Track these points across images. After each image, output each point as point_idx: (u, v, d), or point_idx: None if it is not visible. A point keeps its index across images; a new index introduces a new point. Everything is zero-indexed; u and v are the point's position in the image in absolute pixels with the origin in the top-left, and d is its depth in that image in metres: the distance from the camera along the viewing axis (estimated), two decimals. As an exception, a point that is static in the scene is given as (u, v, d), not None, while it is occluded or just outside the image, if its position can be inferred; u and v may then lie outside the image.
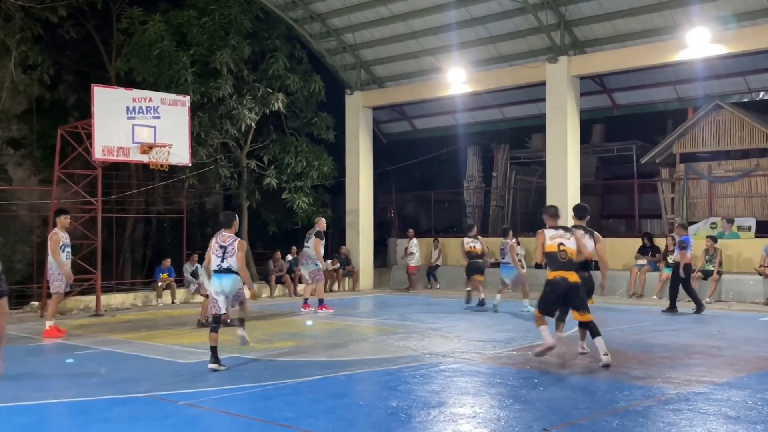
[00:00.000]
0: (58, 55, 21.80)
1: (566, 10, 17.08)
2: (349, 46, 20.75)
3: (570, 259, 8.74)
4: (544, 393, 7.44)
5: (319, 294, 15.21)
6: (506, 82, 19.20)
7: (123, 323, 13.78)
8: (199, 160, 18.77)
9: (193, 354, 9.83)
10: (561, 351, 9.28)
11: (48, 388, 7.86)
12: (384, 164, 24.41)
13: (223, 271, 8.87)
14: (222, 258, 8.86)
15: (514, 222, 21.98)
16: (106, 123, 14.27)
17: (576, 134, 17.77)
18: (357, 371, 8.66)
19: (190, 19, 19.50)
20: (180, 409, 6.90)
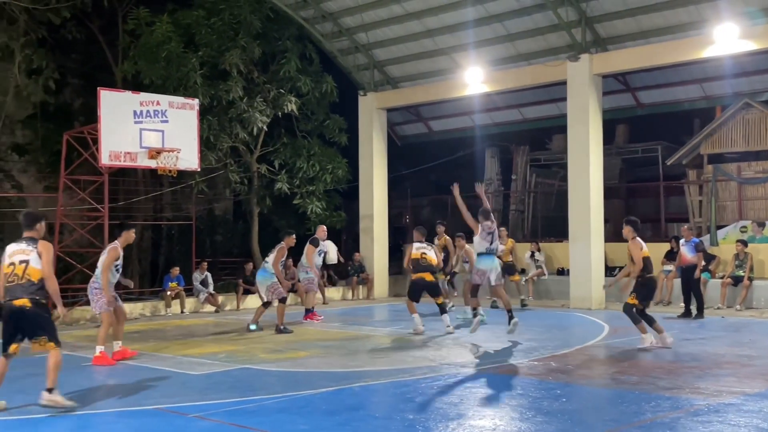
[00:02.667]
0: (62, 58, 21.44)
1: (587, 6, 16.57)
2: (362, 45, 20.30)
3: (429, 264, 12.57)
4: (567, 405, 7.30)
5: (308, 303, 15.02)
6: (525, 82, 18.71)
7: (131, 334, 13.48)
8: (208, 165, 18.41)
9: (202, 365, 9.78)
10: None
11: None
12: (399, 167, 23.93)
13: None
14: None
15: (534, 226, 21.42)
16: (112, 127, 14.04)
17: (599, 135, 17.24)
18: (372, 382, 8.51)
19: (199, 20, 19.13)
20: (190, 421, 6.86)
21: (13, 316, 7.15)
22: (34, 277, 7.20)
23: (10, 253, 7.34)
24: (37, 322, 7.24)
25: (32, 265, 7.20)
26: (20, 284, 7.18)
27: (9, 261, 7.30)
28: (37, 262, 7.21)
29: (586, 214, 16.66)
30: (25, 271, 7.17)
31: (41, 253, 7.25)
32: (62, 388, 8.50)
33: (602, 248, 17.12)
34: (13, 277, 7.21)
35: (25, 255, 7.24)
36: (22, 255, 7.25)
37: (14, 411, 7.32)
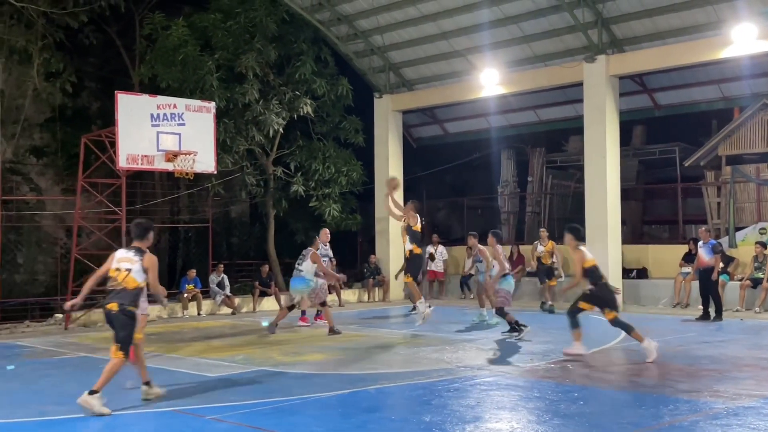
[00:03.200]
0: (80, 62, 21.59)
1: (604, 8, 16.48)
2: (378, 48, 20.29)
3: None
4: (585, 407, 7.25)
5: (303, 305, 14.62)
6: (542, 83, 18.64)
7: (148, 336, 13.43)
8: (224, 167, 18.45)
9: (219, 367, 9.82)
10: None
11: (74, 402, 7.62)
12: (414, 170, 23.87)
13: None
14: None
15: (551, 228, 21.29)
16: (130, 131, 14.08)
17: (615, 136, 17.14)
18: (388, 385, 8.50)
19: (215, 23, 19.22)
20: (206, 423, 6.87)
21: (108, 318, 7.64)
22: (129, 286, 7.54)
23: (118, 258, 7.69)
24: (122, 326, 7.55)
25: (132, 275, 7.54)
26: (116, 291, 7.56)
27: (116, 266, 7.65)
28: (139, 273, 7.56)
29: (603, 216, 16.57)
30: (125, 279, 7.52)
31: (147, 268, 7.60)
32: (80, 389, 8.55)
33: (619, 250, 17.02)
34: (114, 282, 7.59)
35: (130, 264, 7.57)
36: (128, 263, 7.59)
37: (32, 412, 7.36)
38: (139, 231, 7.87)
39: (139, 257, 7.62)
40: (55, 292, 18.26)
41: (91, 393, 7.23)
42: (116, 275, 7.58)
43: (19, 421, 7.03)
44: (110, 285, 7.64)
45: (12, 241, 19.95)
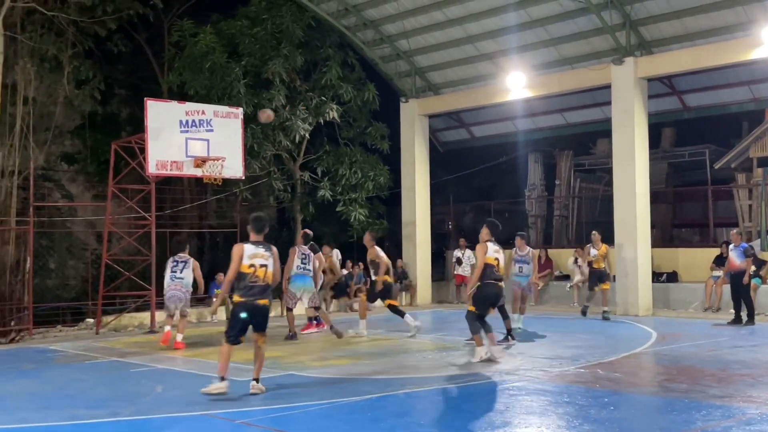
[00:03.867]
0: (110, 69, 21.88)
1: (631, 9, 16.33)
2: (404, 52, 20.29)
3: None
4: (615, 413, 7.18)
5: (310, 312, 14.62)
6: (569, 86, 18.50)
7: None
8: (252, 173, 18.57)
9: (248, 371, 9.65)
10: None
11: (105, 406, 7.84)
12: (441, 174, 23.83)
13: None
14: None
15: (579, 232, 21.13)
16: (159, 137, 14.19)
17: (644, 139, 16.96)
18: (417, 389, 8.48)
19: (242, 30, 19.39)
20: (237, 427, 6.92)
21: (255, 312, 8.12)
22: (270, 280, 8.16)
23: (249, 255, 8.11)
24: (267, 319, 8.29)
25: (270, 270, 8.14)
26: (261, 286, 8.08)
27: (249, 262, 8.09)
28: (272, 267, 8.16)
29: (632, 219, 16.42)
30: (265, 275, 8.10)
31: (275, 260, 8.22)
32: (111, 393, 8.67)
33: (649, 254, 16.84)
34: (255, 278, 8.05)
35: (264, 260, 8.12)
36: (262, 260, 8.11)
37: (64, 416, 7.43)
38: (259, 224, 8.32)
39: (270, 252, 8.18)
40: (86, 297, 18.48)
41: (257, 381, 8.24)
42: (253, 271, 8.04)
43: (51, 425, 7.12)
44: (250, 281, 8.03)
45: (44, 246, 20.25)
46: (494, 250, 10.15)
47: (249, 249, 8.12)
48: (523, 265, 13.83)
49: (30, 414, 7.55)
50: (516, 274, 13.82)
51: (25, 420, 7.28)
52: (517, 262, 13.83)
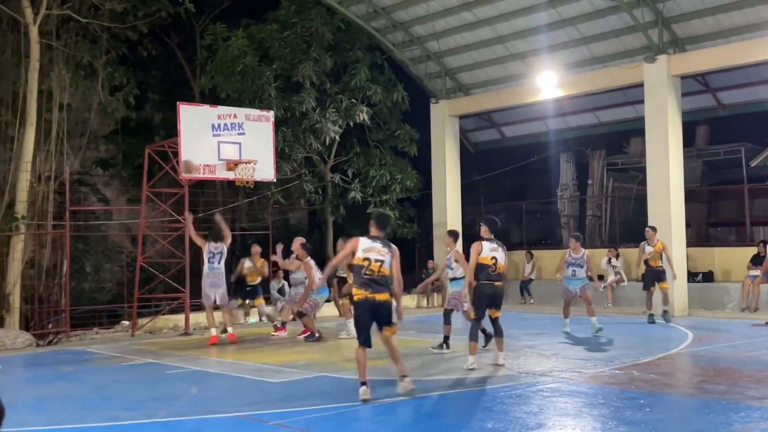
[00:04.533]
0: (143, 74, 22.16)
1: (664, 7, 16.16)
2: (433, 53, 20.28)
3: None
4: (651, 415, 7.07)
5: (285, 316, 14.81)
6: (601, 85, 18.36)
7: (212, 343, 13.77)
8: (283, 175, 18.67)
9: (281, 373, 9.92)
10: None
11: (141, 407, 7.93)
12: (471, 174, 23.76)
13: None
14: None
15: (612, 232, 20.93)
16: (192, 141, 14.28)
17: (678, 137, 16.77)
18: (450, 391, 8.49)
19: (273, 34, 19.53)
20: (271, 429, 6.92)
21: (376, 310, 7.99)
22: (386, 274, 7.99)
23: (364, 248, 8.00)
24: (390, 312, 8.11)
25: (386, 266, 7.98)
26: (376, 279, 7.92)
27: (364, 255, 7.98)
28: (389, 264, 8.00)
29: (667, 218, 16.22)
30: (380, 269, 7.93)
31: (394, 258, 8.07)
32: (148, 394, 8.76)
33: (684, 253, 16.64)
34: (369, 271, 7.92)
35: (381, 255, 7.98)
36: (378, 254, 7.97)
37: (102, 417, 7.53)
38: (382, 222, 8.27)
39: (388, 249, 8.03)
40: (122, 300, 18.70)
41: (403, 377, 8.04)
42: (367, 264, 7.91)
43: (90, 426, 7.22)
44: (365, 274, 7.91)
45: (80, 250, 20.55)
46: (490, 249, 9.72)
47: (365, 242, 8.01)
48: (577, 268, 13.14)
49: (69, 415, 7.67)
50: (568, 278, 13.24)
51: (65, 421, 7.40)
52: (571, 265, 13.21)
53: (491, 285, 9.71)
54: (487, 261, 9.65)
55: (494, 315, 9.90)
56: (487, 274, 9.66)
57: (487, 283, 9.69)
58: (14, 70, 18.04)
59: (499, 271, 9.78)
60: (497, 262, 9.73)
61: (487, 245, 9.77)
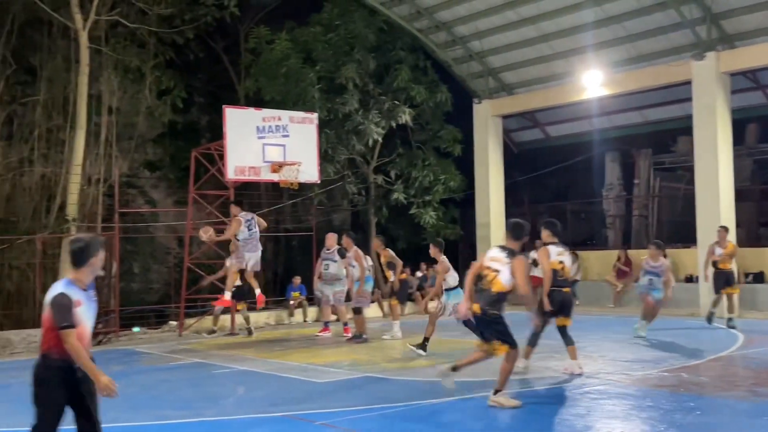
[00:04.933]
0: (189, 78, 22.47)
1: (712, 2, 15.89)
2: (476, 53, 20.19)
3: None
4: (702, 418, 7.02)
5: (327, 316, 14.83)
6: (647, 83, 18.11)
7: (257, 342, 14.07)
8: (326, 177, 18.76)
9: (327, 373, 9.98)
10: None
11: (190, 407, 8.05)
12: (515, 175, 23.58)
13: None
14: None
15: (659, 232, 20.58)
16: (237, 143, 14.42)
17: (728, 135, 16.46)
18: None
19: (316, 36, 19.65)
20: (317, 429, 6.98)
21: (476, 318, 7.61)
22: (494, 288, 7.36)
23: (490, 257, 7.57)
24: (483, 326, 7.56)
25: (499, 278, 7.36)
26: (483, 290, 7.45)
27: (487, 264, 7.53)
28: (506, 277, 7.34)
29: (716, 218, 15.90)
30: (492, 281, 7.38)
31: (515, 270, 7.32)
32: (195, 394, 8.89)
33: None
34: (482, 282, 7.47)
35: (499, 264, 7.41)
36: (498, 264, 7.42)
37: (151, 416, 7.65)
38: (516, 232, 7.64)
39: (509, 259, 7.38)
40: (169, 300, 19.00)
41: (495, 392, 7.48)
42: (486, 274, 7.44)
43: (140, 425, 7.35)
44: (482, 285, 7.52)
45: (128, 251, 20.92)
46: (557, 253, 9.27)
47: (493, 252, 7.59)
48: (654, 277, 12.33)
49: (119, 414, 7.79)
50: (645, 286, 12.46)
51: (115, 420, 7.51)
52: (648, 273, 12.43)
53: (560, 291, 9.28)
54: (555, 266, 9.21)
55: (562, 323, 9.36)
56: (554, 280, 9.20)
57: (556, 289, 9.24)
58: (65, 75, 18.48)
59: (566, 276, 9.39)
60: (564, 267, 9.31)
61: (553, 249, 9.33)
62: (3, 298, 17.65)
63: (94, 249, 4.97)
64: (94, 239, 5.06)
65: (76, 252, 4.93)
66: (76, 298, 4.79)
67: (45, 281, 16.28)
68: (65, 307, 4.73)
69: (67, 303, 4.74)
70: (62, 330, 4.68)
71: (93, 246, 4.98)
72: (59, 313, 4.71)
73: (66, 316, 4.70)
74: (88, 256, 4.93)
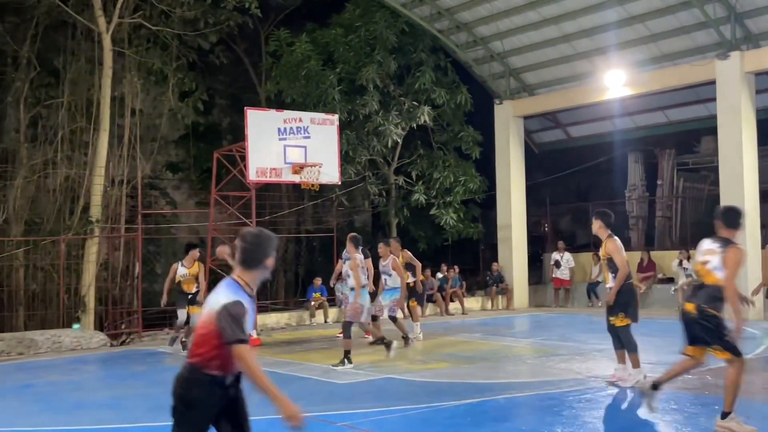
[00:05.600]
0: (211, 80, 22.61)
1: (737, 2, 15.70)
2: (497, 54, 20.12)
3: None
4: (726, 420, 6.75)
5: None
6: (670, 83, 17.91)
7: (278, 343, 14.09)
8: (347, 178, 18.79)
9: (347, 374, 9.98)
10: None
11: None
12: (536, 175, 23.48)
13: None
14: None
15: (683, 234, 20.38)
16: (259, 145, 14.47)
17: (752, 136, 16.26)
18: (517, 394, 8.39)
19: (337, 38, 19.70)
20: (338, 430, 6.97)
21: (683, 319, 6.68)
22: (707, 281, 6.53)
23: (702, 250, 6.69)
24: (697, 329, 6.55)
25: (709, 268, 6.51)
26: (695, 286, 6.72)
27: (701, 259, 6.65)
28: (718, 267, 6.44)
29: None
30: (706, 275, 6.55)
31: (726, 259, 6.39)
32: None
33: (759, 256, 16.09)
34: (698, 277, 6.70)
35: (710, 256, 6.54)
36: (710, 255, 6.53)
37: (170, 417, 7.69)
38: (728, 217, 6.71)
39: (722, 249, 6.45)
40: (191, 301, 19.06)
41: (722, 416, 6.48)
42: (699, 269, 6.61)
43: (163, 425, 7.36)
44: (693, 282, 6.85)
45: (151, 252, 21.09)
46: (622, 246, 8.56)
47: (705, 244, 6.65)
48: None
49: (143, 414, 7.88)
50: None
51: (139, 419, 7.60)
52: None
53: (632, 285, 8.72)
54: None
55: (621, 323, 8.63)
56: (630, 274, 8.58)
57: (631, 283, 8.70)
58: (88, 78, 18.65)
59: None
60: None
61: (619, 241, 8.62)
62: (27, 299, 17.85)
63: (271, 248, 4.21)
64: (271, 236, 4.26)
65: (252, 249, 4.16)
66: (246, 306, 4.06)
67: (68, 282, 16.47)
68: (239, 318, 3.97)
69: (241, 313, 3.99)
70: (235, 345, 3.94)
71: (270, 244, 4.20)
72: (232, 324, 3.95)
73: (240, 328, 3.96)
74: (264, 256, 4.17)
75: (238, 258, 4.15)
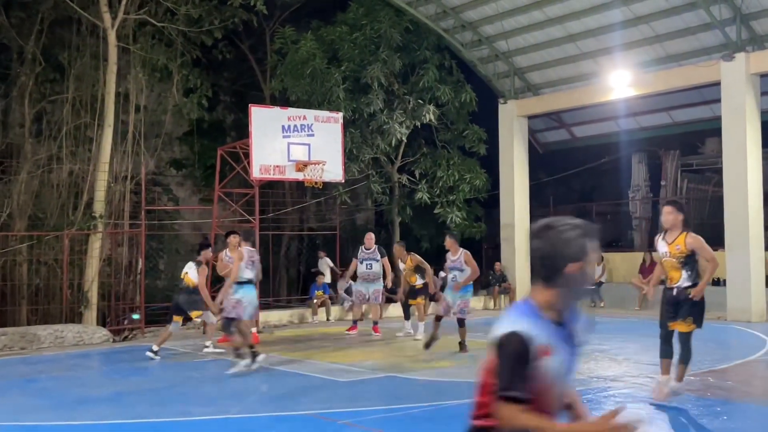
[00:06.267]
0: (216, 77, 22.60)
1: (742, 3, 15.65)
2: (502, 53, 20.10)
3: None
4: (729, 423, 6.97)
5: (356, 315, 15.08)
6: (675, 84, 17.88)
7: (281, 340, 14.10)
8: (351, 176, 18.78)
9: (350, 372, 10.00)
10: None
11: (214, 404, 8.09)
12: (540, 175, 23.47)
13: None
14: None
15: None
16: (262, 142, 14.47)
17: (757, 137, 16.23)
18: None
19: (342, 36, 19.68)
20: (341, 428, 6.98)
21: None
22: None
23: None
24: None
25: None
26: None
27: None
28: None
29: (744, 220, 15.72)
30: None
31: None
32: (220, 391, 8.94)
33: (762, 257, 16.09)
34: None
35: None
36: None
37: (176, 412, 7.71)
38: None
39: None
40: (194, 297, 19.07)
41: None
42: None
43: (166, 421, 7.41)
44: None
45: (154, 248, 21.10)
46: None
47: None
48: None
49: (145, 410, 7.89)
50: None
51: (141, 415, 7.61)
52: None
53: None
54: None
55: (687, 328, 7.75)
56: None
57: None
58: (93, 73, 18.66)
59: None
60: None
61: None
62: (31, 294, 17.89)
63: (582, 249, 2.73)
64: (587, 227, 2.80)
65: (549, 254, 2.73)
66: (541, 341, 2.67)
67: (72, 277, 16.49)
68: (516, 359, 2.65)
69: (522, 352, 2.65)
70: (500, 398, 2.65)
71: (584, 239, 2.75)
72: (505, 368, 2.67)
73: (514, 375, 2.65)
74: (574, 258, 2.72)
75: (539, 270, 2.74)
